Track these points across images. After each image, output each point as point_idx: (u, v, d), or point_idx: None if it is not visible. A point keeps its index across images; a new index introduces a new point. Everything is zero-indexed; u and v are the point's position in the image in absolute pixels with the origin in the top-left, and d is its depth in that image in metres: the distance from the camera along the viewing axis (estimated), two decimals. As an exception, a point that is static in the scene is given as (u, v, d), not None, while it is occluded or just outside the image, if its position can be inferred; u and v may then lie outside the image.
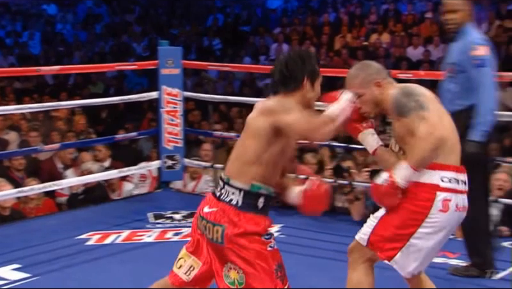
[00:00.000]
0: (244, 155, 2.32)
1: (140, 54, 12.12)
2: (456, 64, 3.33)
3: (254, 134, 2.30)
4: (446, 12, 3.41)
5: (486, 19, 10.29)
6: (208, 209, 2.35)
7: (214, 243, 2.32)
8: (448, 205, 2.43)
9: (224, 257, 2.31)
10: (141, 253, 3.88)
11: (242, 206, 2.30)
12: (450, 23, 3.39)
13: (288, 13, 13.28)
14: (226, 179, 2.34)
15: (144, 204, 4.94)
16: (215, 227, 2.30)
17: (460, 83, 3.31)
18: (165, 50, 5.22)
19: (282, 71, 2.38)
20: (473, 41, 3.32)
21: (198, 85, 10.02)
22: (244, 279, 2.28)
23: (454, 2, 3.39)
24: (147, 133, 6.53)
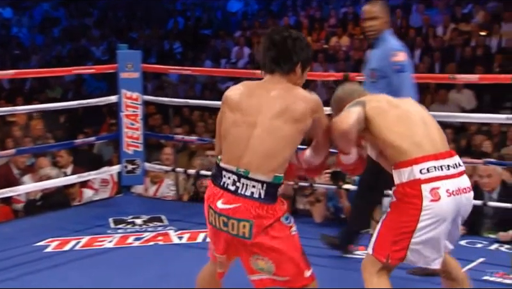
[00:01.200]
0: (266, 147, 2.26)
1: (99, 57, 11.98)
2: (376, 70, 3.47)
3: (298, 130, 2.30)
4: (366, 19, 3.53)
5: (441, 22, 10.52)
6: (225, 205, 2.28)
7: (238, 238, 2.29)
8: (438, 193, 2.40)
9: (251, 249, 2.30)
10: (101, 259, 3.82)
11: (265, 198, 2.25)
12: (370, 31, 3.52)
13: (249, 17, 13.32)
14: (244, 172, 2.25)
15: (105, 210, 4.88)
16: (241, 223, 2.25)
17: (381, 88, 3.44)
18: (124, 53, 5.17)
19: (286, 51, 2.34)
20: (393, 47, 3.47)
21: (159, 88, 9.96)
22: (273, 268, 2.29)
23: (373, 10, 3.52)
24: (107, 138, 6.46)
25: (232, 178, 2.27)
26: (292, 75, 2.36)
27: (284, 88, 2.34)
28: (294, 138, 2.29)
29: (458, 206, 2.46)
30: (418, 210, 2.40)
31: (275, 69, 2.36)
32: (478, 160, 4.34)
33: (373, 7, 3.54)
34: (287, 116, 2.27)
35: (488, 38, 9.77)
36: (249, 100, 2.33)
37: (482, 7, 10.67)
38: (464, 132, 7.36)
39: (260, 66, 2.42)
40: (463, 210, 2.51)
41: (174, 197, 5.45)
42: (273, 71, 2.37)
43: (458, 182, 2.46)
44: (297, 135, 2.30)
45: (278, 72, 2.36)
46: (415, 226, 2.41)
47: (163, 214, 4.68)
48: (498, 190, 4.27)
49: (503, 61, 9.09)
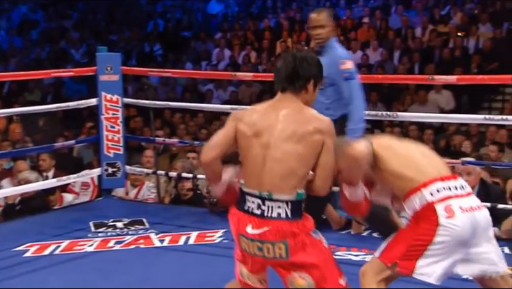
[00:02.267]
0: (283, 168, 2.28)
1: (78, 60, 11.88)
2: (326, 77, 3.52)
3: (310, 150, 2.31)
4: (313, 27, 3.59)
5: (420, 24, 10.62)
6: (255, 230, 2.29)
7: (276, 260, 2.32)
8: (452, 210, 2.40)
9: (287, 268, 2.32)
10: (81, 263, 3.79)
11: (292, 216, 2.28)
12: (318, 39, 3.58)
13: (229, 18, 13.32)
14: (267, 195, 2.28)
15: (86, 213, 4.84)
16: (276, 245, 2.28)
17: (330, 95, 3.53)
18: (103, 56, 5.14)
19: (291, 69, 2.37)
20: (341, 55, 3.58)
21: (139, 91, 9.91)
22: (313, 284, 2.31)
23: (321, 18, 3.59)
24: (87, 141, 6.41)
25: (256, 201, 2.29)
26: (304, 92, 2.39)
27: (295, 108, 2.36)
28: (307, 157, 2.30)
29: (473, 224, 2.43)
30: (435, 225, 2.40)
31: (287, 87, 2.37)
32: (457, 160, 4.39)
33: (319, 16, 3.61)
34: (298, 137, 2.30)
35: (466, 39, 9.88)
36: (262, 121, 2.35)
37: (459, 9, 10.80)
38: (444, 132, 7.44)
39: (274, 83, 2.44)
40: (481, 229, 2.45)
41: (155, 199, 5.43)
42: (285, 90, 2.38)
43: (469, 201, 2.47)
44: (310, 155, 2.30)
45: (290, 90, 2.38)
46: (431, 240, 2.39)
47: (144, 217, 4.65)
48: (477, 188, 4.32)
49: (480, 62, 9.21)
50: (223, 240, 4.14)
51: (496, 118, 4.32)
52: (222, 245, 4.05)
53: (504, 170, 5.12)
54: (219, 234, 4.23)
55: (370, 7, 11.80)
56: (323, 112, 3.47)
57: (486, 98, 9.40)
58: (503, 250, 3.85)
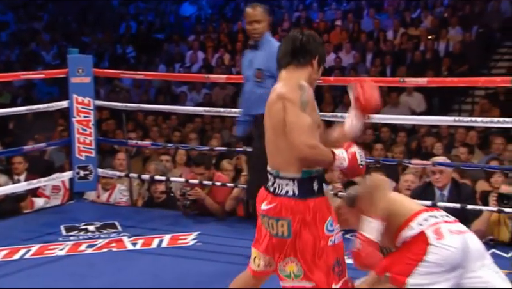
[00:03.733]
0: (281, 143, 2.28)
1: (50, 62, 11.74)
2: (264, 70, 3.62)
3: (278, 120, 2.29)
4: (250, 22, 3.66)
5: (391, 27, 10.74)
6: (266, 205, 2.33)
7: (279, 237, 2.31)
8: (441, 232, 2.44)
9: (285, 250, 2.31)
10: (52, 267, 3.74)
11: (299, 194, 2.28)
12: (255, 33, 3.66)
13: (202, 21, 13.30)
14: (275, 173, 2.32)
15: (57, 217, 4.78)
16: (279, 222, 2.29)
17: (269, 87, 3.55)
18: (75, 58, 5.09)
19: (297, 43, 2.36)
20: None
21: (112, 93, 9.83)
22: (302, 273, 2.29)
23: (257, 13, 3.68)
24: (58, 144, 6.33)
25: (271, 179, 2.35)
26: (310, 67, 2.38)
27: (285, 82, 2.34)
28: (278, 128, 2.29)
29: (464, 246, 2.46)
30: (426, 244, 2.43)
31: (291, 61, 2.36)
32: (428, 162, 4.44)
33: (256, 11, 3.69)
34: (269, 110, 2.34)
35: (436, 42, 10.03)
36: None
37: (430, 13, 10.95)
38: (415, 134, 7.52)
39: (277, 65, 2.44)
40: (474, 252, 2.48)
41: (128, 203, 5.39)
42: (288, 64, 2.37)
43: (456, 226, 2.53)
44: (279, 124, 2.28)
45: (294, 64, 2.37)
46: (422, 258, 2.43)
47: (117, 220, 4.61)
48: (449, 187, 4.37)
49: (450, 64, 9.35)
50: (196, 243, 4.12)
51: (465, 120, 4.39)
52: (195, 247, 4.03)
53: (474, 171, 5.19)
54: (193, 236, 4.21)
55: (342, 10, 11.91)
56: (261, 104, 3.59)
57: (456, 100, 9.55)
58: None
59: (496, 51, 10.26)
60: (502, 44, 10.34)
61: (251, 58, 3.70)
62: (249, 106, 3.74)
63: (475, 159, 6.00)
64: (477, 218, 4.16)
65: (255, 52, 3.69)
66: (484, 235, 4.11)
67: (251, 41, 3.74)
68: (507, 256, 3.87)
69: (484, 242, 4.00)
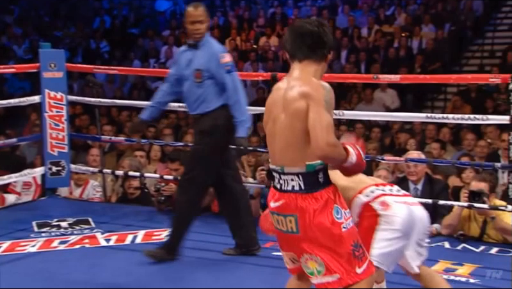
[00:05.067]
0: (293, 139, 2.26)
1: (21, 56, 11.56)
2: (204, 70, 3.64)
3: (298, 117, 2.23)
4: (193, 22, 3.65)
5: (366, 24, 10.82)
6: (274, 203, 2.33)
7: (289, 234, 2.29)
8: (386, 202, 2.61)
9: (300, 247, 2.28)
10: (23, 264, 3.70)
11: (305, 188, 2.26)
12: (197, 34, 3.66)
13: (177, 16, 13.22)
14: (280, 169, 2.29)
15: (28, 213, 4.72)
16: (287, 218, 2.27)
17: (207, 88, 3.65)
18: (47, 52, 5.02)
19: (315, 37, 2.30)
20: (220, 49, 3.70)
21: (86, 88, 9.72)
22: (323, 267, 2.25)
23: (199, 14, 3.67)
24: (29, 139, 6.24)
25: (277, 176, 2.32)
26: (324, 61, 2.35)
27: (298, 77, 2.30)
28: (294, 126, 2.25)
29: (411, 215, 2.65)
30: (376, 216, 2.61)
31: (308, 56, 2.31)
32: (400, 158, 4.49)
33: (198, 11, 3.67)
34: (286, 107, 2.27)
35: (410, 40, 10.13)
36: (274, 96, 2.35)
37: (403, 10, 11.06)
38: (389, 130, 7.60)
39: (288, 55, 2.36)
40: (419, 224, 2.68)
41: (101, 199, 5.34)
42: (304, 58, 2.31)
43: (404, 199, 2.69)
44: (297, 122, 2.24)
45: (310, 59, 2.31)
46: (376, 227, 2.59)
47: (90, 216, 4.57)
48: (423, 182, 4.43)
49: (423, 61, 9.46)
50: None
51: (437, 116, 4.44)
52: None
53: (446, 167, 5.26)
54: (167, 232, 4.19)
55: (317, 7, 11.96)
56: (199, 104, 3.64)
57: (429, 97, 9.67)
58: (443, 245, 4.02)
59: (467, 49, 10.41)
60: (474, 42, 10.50)
61: (189, 57, 3.67)
62: (188, 106, 3.73)
63: (447, 155, 6.08)
64: (448, 213, 4.22)
65: (194, 51, 3.66)
66: (455, 230, 4.18)
67: (190, 41, 3.71)
68: (477, 251, 3.94)
69: (455, 236, 4.12)
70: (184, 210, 3.70)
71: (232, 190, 3.78)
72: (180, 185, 3.84)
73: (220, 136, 3.65)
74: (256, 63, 10.23)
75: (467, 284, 3.36)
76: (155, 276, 3.50)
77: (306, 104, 2.22)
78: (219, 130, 3.64)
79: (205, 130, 3.64)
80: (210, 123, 3.63)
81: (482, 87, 8.61)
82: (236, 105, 3.62)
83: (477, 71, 9.33)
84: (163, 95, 3.88)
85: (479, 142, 5.95)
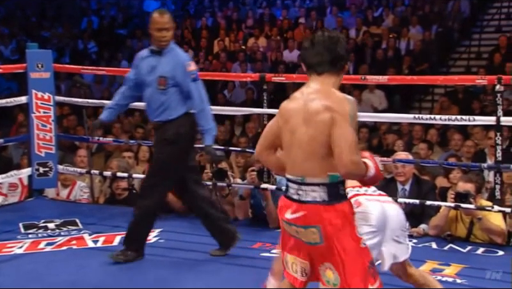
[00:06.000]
0: (316, 150, 2.25)
1: (8, 57, 11.49)
2: (169, 78, 3.64)
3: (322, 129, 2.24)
4: (160, 29, 3.63)
5: (354, 25, 10.86)
6: (292, 214, 2.29)
7: (311, 245, 2.28)
8: (359, 201, 2.67)
9: (322, 256, 2.28)
10: (10, 265, 3.67)
11: (329, 200, 2.25)
12: (164, 41, 3.65)
13: (166, 17, 13.17)
14: (300, 180, 2.28)
15: (15, 214, 4.68)
16: (309, 230, 2.25)
17: (171, 96, 3.65)
18: (34, 53, 4.99)
19: (336, 52, 2.32)
20: (185, 58, 3.72)
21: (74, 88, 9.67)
22: (338, 281, 2.26)
23: (167, 21, 3.66)
24: (16, 140, 6.20)
25: (294, 187, 2.30)
26: (342, 72, 2.37)
27: (318, 90, 2.30)
28: (318, 137, 2.25)
29: (384, 212, 2.70)
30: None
31: (329, 70, 2.32)
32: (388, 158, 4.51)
33: (165, 18, 3.66)
34: (309, 118, 2.26)
35: (398, 41, 10.18)
36: (291, 107, 2.35)
37: (391, 12, 11.11)
38: (376, 131, 7.63)
39: (308, 67, 2.35)
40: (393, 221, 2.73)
41: (89, 200, 5.32)
42: (323, 73, 2.33)
43: (376, 197, 2.74)
44: (321, 134, 2.24)
45: (331, 72, 2.33)
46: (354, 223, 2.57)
47: (78, 218, 4.55)
48: (410, 182, 4.45)
49: (411, 62, 9.51)
50: (158, 240, 4.10)
51: (424, 117, 4.47)
52: (157, 244, 4.01)
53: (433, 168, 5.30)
54: (155, 233, 4.18)
55: (306, 8, 11.98)
56: (162, 111, 3.64)
57: (417, 98, 9.72)
58: (430, 246, 4.04)
59: (455, 50, 10.48)
60: (461, 43, 10.57)
61: (153, 64, 3.65)
62: (150, 112, 3.72)
63: (434, 156, 6.12)
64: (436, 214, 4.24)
65: (158, 58, 3.64)
66: (442, 231, 4.21)
67: (154, 47, 3.67)
68: (463, 251, 3.97)
69: (442, 237, 4.15)
70: (144, 214, 3.70)
71: (195, 194, 3.80)
72: (142, 189, 3.85)
73: (183, 144, 3.68)
74: (245, 64, 10.22)
75: (454, 284, 3.38)
76: (143, 276, 3.49)
77: (331, 117, 2.23)
78: (182, 138, 3.66)
79: (169, 138, 3.63)
80: (174, 131, 3.63)
81: (469, 89, 8.67)
82: (202, 114, 3.64)
83: (464, 73, 9.39)
84: (122, 98, 3.90)
85: (466, 142, 5.99)
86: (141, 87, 3.75)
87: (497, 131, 3.96)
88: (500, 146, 3.96)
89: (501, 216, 4.03)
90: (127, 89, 3.87)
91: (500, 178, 4.00)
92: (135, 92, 3.84)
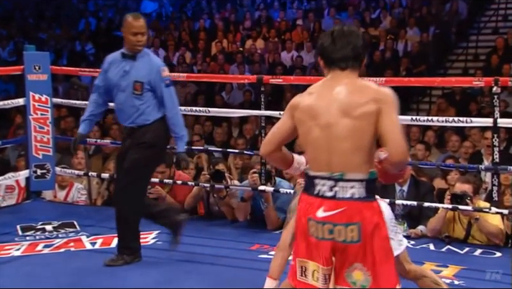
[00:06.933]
0: (361, 143, 2.19)
1: (6, 58, 11.48)
2: (144, 83, 3.63)
3: (368, 120, 2.19)
4: (135, 34, 3.62)
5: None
6: (327, 212, 2.20)
7: (346, 244, 2.20)
8: None
9: (353, 257, 2.21)
10: (7, 267, 3.67)
11: (366, 196, 2.20)
12: (139, 45, 3.64)
13: (163, 18, 13.20)
14: (338, 176, 2.20)
15: (12, 216, 4.68)
16: (348, 227, 2.18)
17: (147, 101, 3.65)
18: (31, 55, 5.00)
19: (356, 46, 2.28)
20: (160, 63, 3.73)
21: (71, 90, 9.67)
22: (369, 282, 2.20)
23: (142, 25, 3.66)
24: (14, 142, 6.19)
25: (328, 184, 2.22)
26: (361, 68, 2.33)
27: (350, 83, 2.26)
28: (365, 130, 2.20)
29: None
30: None
31: (353, 65, 2.28)
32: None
33: (140, 22, 3.64)
34: (353, 111, 2.20)
35: (395, 42, 10.20)
36: (318, 102, 2.26)
37: (389, 13, 11.13)
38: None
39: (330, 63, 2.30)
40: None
41: (86, 201, 5.31)
42: (347, 68, 2.28)
43: None
44: (367, 127, 2.19)
45: (353, 67, 2.29)
46: None
47: (75, 219, 4.55)
48: (408, 183, 4.45)
49: (408, 64, 9.52)
50: (156, 242, 4.10)
51: (422, 119, 4.48)
52: (155, 246, 4.01)
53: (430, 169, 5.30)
54: (153, 235, 4.18)
55: (303, 10, 12.00)
56: (137, 116, 3.61)
57: (415, 100, 9.73)
58: (428, 247, 4.04)
59: (452, 52, 10.50)
60: (458, 45, 10.59)
61: (126, 68, 3.63)
62: (123, 117, 3.68)
63: (432, 158, 6.12)
64: (434, 215, 4.25)
65: (132, 62, 3.62)
66: (439, 232, 4.21)
67: (126, 51, 3.65)
68: (461, 252, 3.97)
69: (440, 238, 4.15)
70: (128, 218, 3.69)
71: None
72: (119, 191, 3.75)
73: (160, 148, 3.71)
74: (243, 65, 10.23)
75: (452, 285, 3.38)
76: (142, 278, 3.49)
77: (377, 108, 2.19)
78: (160, 141, 3.67)
79: (147, 141, 3.61)
80: (152, 134, 3.62)
81: (466, 90, 8.68)
82: (175, 120, 3.65)
83: (461, 74, 9.41)
84: (95, 107, 3.85)
85: (464, 143, 6.00)
86: (111, 92, 3.71)
87: (494, 132, 3.97)
88: (497, 147, 3.97)
89: (499, 216, 4.03)
90: (98, 97, 3.83)
91: (497, 179, 4.01)
92: (106, 97, 3.80)
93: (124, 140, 3.77)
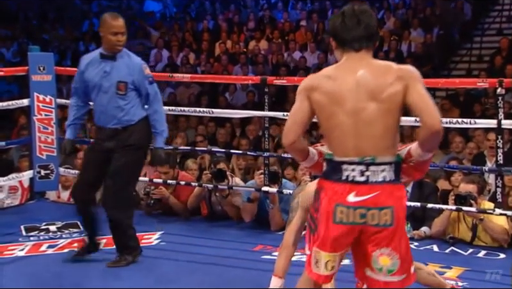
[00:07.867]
0: (392, 124, 2.18)
1: (10, 59, 11.50)
2: (128, 82, 3.61)
3: (395, 101, 2.16)
4: (116, 34, 3.60)
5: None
6: (358, 197, 2.16)
7: (379, 227, 2.17)
8: None
9: (383, 241, 2.18)
10: (12, 268, 3.67)
11: (395, 179, 2.20)
12: (119, 45, 3.62)
13: (167, 19, 13.22)
14: (370, 160, 2.16)
15: (16, 217, 4.70)
16: (382, 211, 2.16)
17: (131, 100, 3.63)
18: (35, 56, 5.01)
19: (368, 25, 2.24)
20: (140, 61, 3.72)
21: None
22: (397, 266, 2.19)
23: (122, 25, 3.65)
24: (18, 143, 6.20)
25: (358, 168, 2.17)
26: (374, 48, 2.30)
27: (370, 64, 2.23)
28: (393, 110, 2.17)
29: None
30: None
31: (367, 45, 2.24)
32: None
33: (120, 22, 3.63)
34: (380, 93, 2.17)
35: (399, 43, 10.18)
36: (341, 87, 2.20)
37: (392, 14, 11.12)
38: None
39: (342, 44, 2.25)
40: None
41: (90, 202, 5.30)
42: (361, 48, 2.24)
43: None
44: (396, 107, 2.17)
45: (367, 48, 2.25)
46: None
47: (79, 220, 4.52)
48: (412, 184, 4.45)
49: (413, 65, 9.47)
50: (160, 242, 4.10)
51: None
52: (159, 247, 4.01)
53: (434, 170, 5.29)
54: (156, 236, 4.19)
55: (307, 11, 11.99)
56: (122, 117, 3.58)
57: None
58: (432, 248, 4.04)
59: (456, 53, 10.48)
60: (462, 46, 10.57)
61: (106, 69, 3.60)
62: (105, 119, 3.62)
63: (435, 159, 6.11)
64: (437, 216, 4.24)
65: (111, 63, 3.60)
66: (443, 233, 4.20)
67: (105, 51, 3.62)
68: (465, 254, 3.97)
69: (445, 239, 4.14)
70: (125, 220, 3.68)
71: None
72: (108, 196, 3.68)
73: (146, 148, 3.73)
74: (247, 66, 10.23)
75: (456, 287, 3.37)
76: (145, 279, 3.49)
77: (403, 85, 2.17)
78: (145, 142, 3.68)
79: (134, 143, 3.60)
80: (138, 136, 3.61)
81: (470, 91, 8.66)
82: (156, 116, 3.64)
83: (465, 76, 9.38)
84: (78, 110, 3.81)
85: (468, 144, 5.98)
86: (90, 93, 3.68)
87: (498, 134, 3.96)
88: (501, 149, 3.96)
89: (504, 217, 4.02)
90: (78, 100, 3.79)
91: (501, 180, 4.00)
92: (86, 99, 3.77)
93: (103, 141, 3.66)
